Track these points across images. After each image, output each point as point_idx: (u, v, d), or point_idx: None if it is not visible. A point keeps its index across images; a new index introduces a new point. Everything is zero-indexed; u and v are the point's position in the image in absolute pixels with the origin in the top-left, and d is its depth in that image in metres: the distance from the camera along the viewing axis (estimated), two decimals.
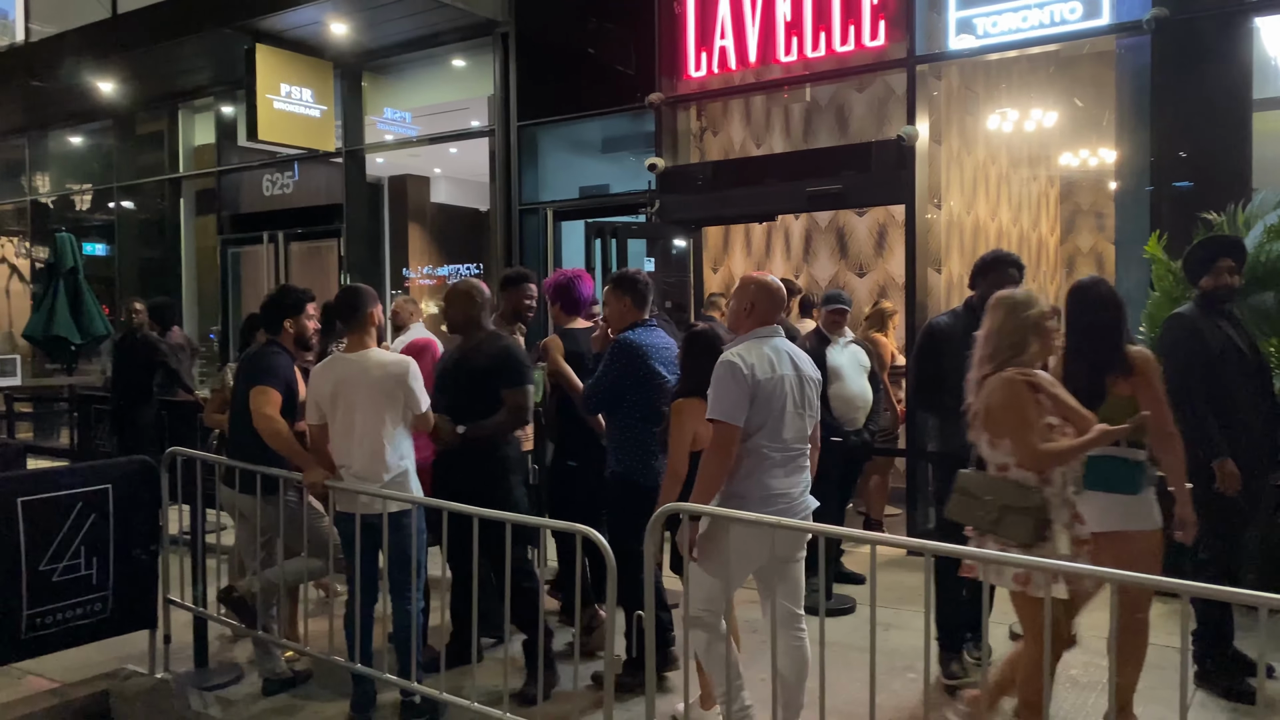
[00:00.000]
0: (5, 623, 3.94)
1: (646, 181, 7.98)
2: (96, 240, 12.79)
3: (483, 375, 4.22)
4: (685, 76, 7.79)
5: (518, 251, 8.99)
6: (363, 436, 4.01)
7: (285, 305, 4.50)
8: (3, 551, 3.91)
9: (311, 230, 10.71)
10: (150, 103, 11.65)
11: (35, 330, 9.45)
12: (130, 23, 9.99)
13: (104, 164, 12.89)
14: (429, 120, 10.12)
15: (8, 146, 13.91)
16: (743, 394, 3.42)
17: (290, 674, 4.45)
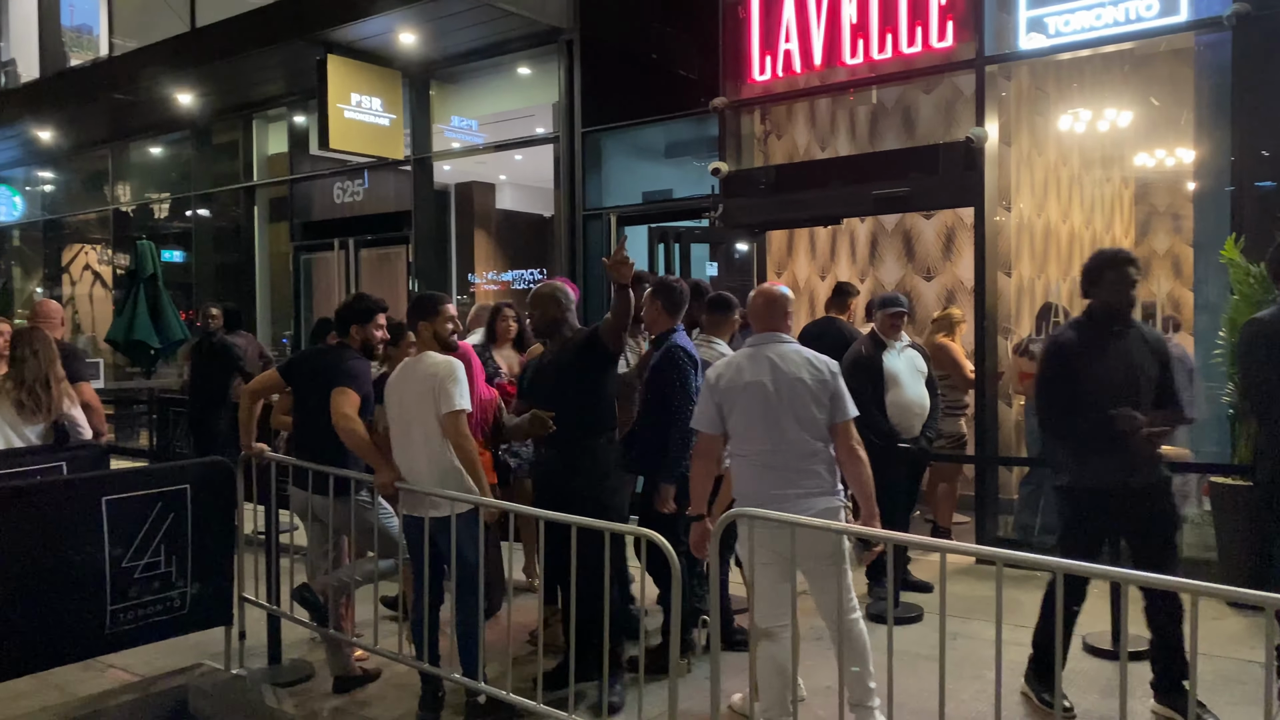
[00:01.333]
0: (90, 618, 4.08)
1: (710, 186, 7.98)
2: (174, 247, 13.17)
3: (576, 375, 4.20)
4: (749, 80, 7.77)
5: (581, 257, 9.06)
6: (413, 439, 4.09)
7: (355, 311, 4.60)
8: (88, 549, 4.05)
9: (381, 237, 10.91)
10: (226, 113, 11.98)
11: (117, 334, 9.77)
12: (208, 36, 10.29)
13: (182, 173, 13.29)
14: (495, 128, 10.25)
15: (92, 157, 14.42)
16: (711, 403, 3.66)
17: (360, 672, 4.54)
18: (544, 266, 10.96)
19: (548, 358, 4.39)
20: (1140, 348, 3.98)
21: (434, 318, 4.22)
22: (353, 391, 4.29)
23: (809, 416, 3.54)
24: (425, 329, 4.24)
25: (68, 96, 12.32)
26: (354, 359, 4.47)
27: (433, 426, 4.03)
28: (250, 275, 12.32)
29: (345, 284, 11.06)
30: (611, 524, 3.59)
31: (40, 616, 3.91)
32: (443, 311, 4.23)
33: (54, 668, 4.17)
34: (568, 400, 4.19)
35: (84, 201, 15.09)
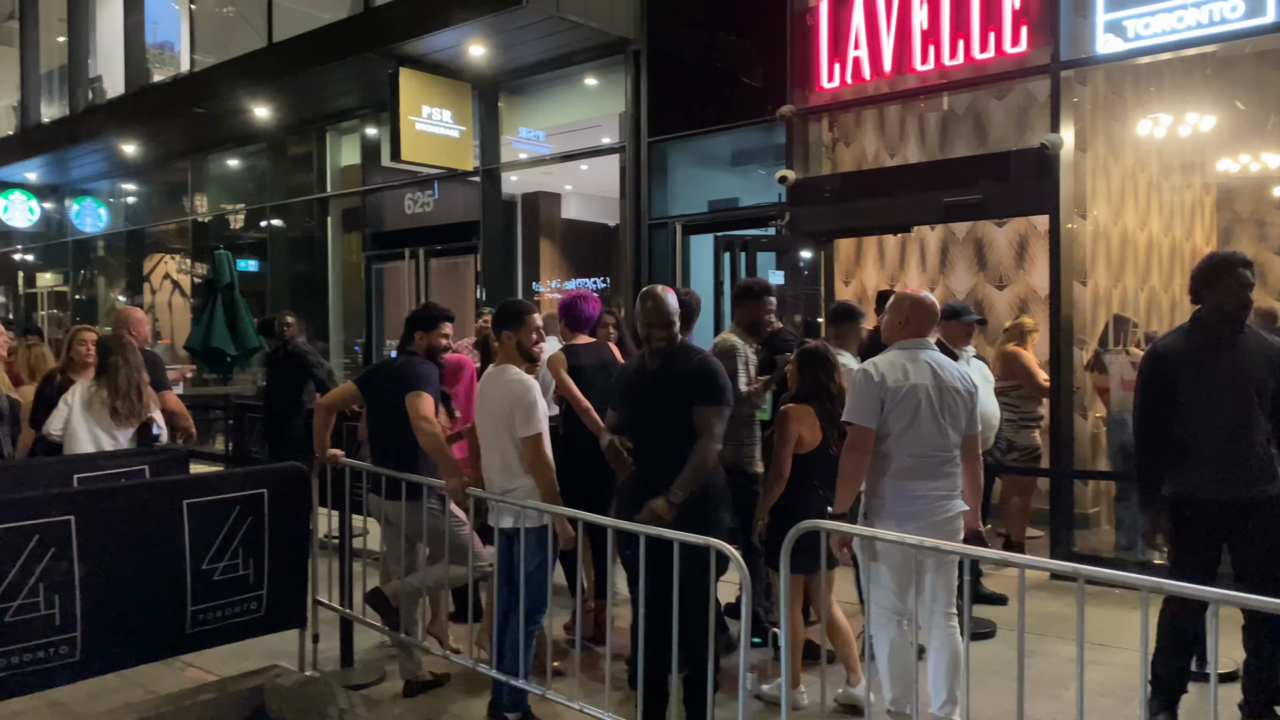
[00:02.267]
0: (172, 618, 4.18)
1: (776, 194, 7.95)
2: (250, 257, 13.51)
3: (677, 390, 3.89)
4: (817, 88, 7.73)
5: (647, 266, 9.08)
6: (488, 450, 4.13)
7: (421, 319, 4.70)
8: (170, 550, 4.16)
9: (450, 246, 11.06)
10: (300, 126, 12.27)
11: (195, 342, 10.04)
12: (284, 51, 10.55)
13: (258, 185, 13.65)
14: (562, 138, 10.34)
15: (172, 170, 14.88)
16: (874, 399, 3.73)
17: (430, 677, 4.59)
18: (608, 275, 11.02)
19: (651, 368, 3.99)
20: (1253, 357, 3.82)
21: (518, 327, 4.18)
22: (427, 395, 4.36)
23: (957, 424, 3.80)
24: (509, 338, 4.21)
25: (150, 111, 12.75)
26: (422, 364, 4.54)
27: (507, 443, 4.06)
28: (323, 284, 12.58)
29: (415, 293, 11.24)
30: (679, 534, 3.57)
31: (125, 615, 4.02)
32: (528, 322, 4.18)
33: (137, 665, 4.29)
34: (674, 420, 3.88)
35: (164, 212, 15.58)
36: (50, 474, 4.88)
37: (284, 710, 4.29)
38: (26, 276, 19.09)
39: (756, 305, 4.98)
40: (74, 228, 16.45)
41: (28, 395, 6.15)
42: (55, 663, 3.86)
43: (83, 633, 3.90)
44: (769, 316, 5.01)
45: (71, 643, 3.88)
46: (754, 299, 5.00)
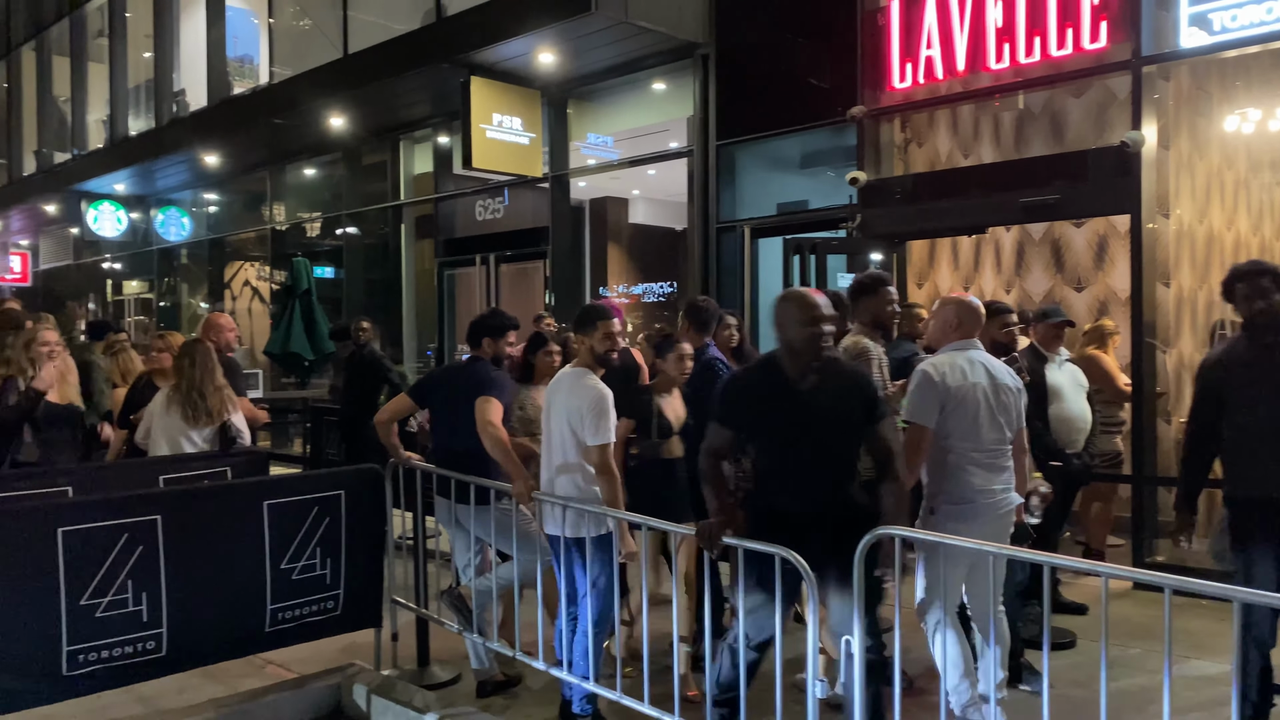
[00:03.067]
0: (252, 616, 4.29)
1: (847, 196, 7.86)
2: (326, 264, 13.81)
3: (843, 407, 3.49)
4: (889, 88, 7.63)
5: (715, 270, 9.06)
6: (550, 451, 4.15)
7: (487, 325, 4.76)
8: (250, 550, 4.27)
9: (519, 252, 11.17)
10: (374, 135, 12.50)
11: (274, 347, 10.31)
12: (359, 62, 10.78)
13: (333, 193, 13.96)
14: (629, 143, 10.38)
15: (251, 180, 15.29)
16: (934, 399, 3.82)
17: (502, 677, 4.63)
18: (674, 279, 11.03)
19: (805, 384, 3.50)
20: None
21: (592, 332, 4.19)
22: (496, 400, 4.41)
23: (1011, 421, 3.94)
24: (582, 342, 4.23)
25: (231, 123, 13.12)
26: (493, 370, 4.60)
27: (572, 447, 4.09)
28: (397, 290, 12.80)
29: (486, 298, 11.38)
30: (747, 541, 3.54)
31: (208, 613, 4.14)
32: (601, 327, 4.18)
33: (219, 662, 4.40)
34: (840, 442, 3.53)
35: (244, 221, 16.02)
36: (137, 475, 5.05)
37: (359, 707, 4.36)
38: (114, 284, 19.79)
39: (876, 299, 4.60)
40: (159, 237, 17.00)
41: (119, 398, 6.38)
42: (143, 658, 3.99)
43: (168, 629, 4.02)
44: (893, 308, 4.66)
45: (158, 638, 4.01)
46: (871, 293, 4.62)
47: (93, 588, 3.82)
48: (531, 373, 5.03)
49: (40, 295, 20.89)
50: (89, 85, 17.38)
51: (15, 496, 4.53)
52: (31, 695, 3.77)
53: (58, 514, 3.82)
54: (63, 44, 18.07)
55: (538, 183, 10.62)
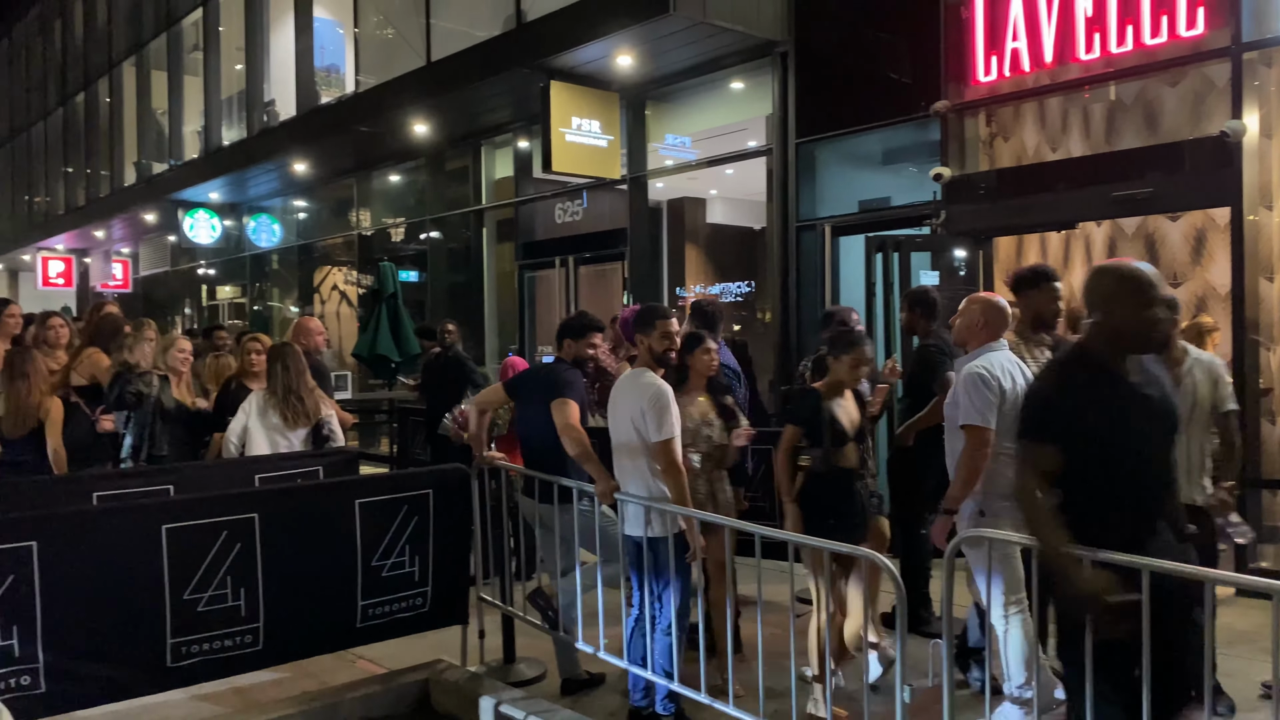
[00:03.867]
0: (344, 612, 4.41)
1: (931, 192, 7.73)
2: (411, 268, 14.08)
3: (1175, 409, 2.99)
4: (973, 82, 7.48)
5: (795, 269, 8.99)
6: (619, 453, 4.17)
7: (570, 327, 4.81)
8: (342, 547, 4.38)
9: (598, 254, 11.24)
10: (457, 141, 12.71)
11: (362, 349, 10.56)
12: (442, 69, 10.97)
13: (417, 199, 14.23)
14: (707, 143, 10.36)
15: (338, 186, 15.69)
16: (989, 400, 3.85)
17: (586, 675, 4.66)
18: (753, 279, 10.97)
19: (1145, 383, 2.94)
20: None
21: (649, 331, 4.28)
22: (572, 401, 4.44)
23: None
24: (642, 342, 4.31)
25: (319, 131, 13.47)
26: (568, 371, 4.63)
27: (638, 447, 4.11)
28: (479, 293, 12.99)
29: (565, 300, 11.47)
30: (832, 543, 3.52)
31: (302, 608, 4.27)
32: (659, 326, 4.28)
33: (312, 656, 4.54)
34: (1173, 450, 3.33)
35: (332, 227, 16.44)
36: (234, 474, 5.23)
37: (448, 704, 4.44)
38: (209, 289, 20.49)
39: (1040, 293, 4.35)
40: (250, 243, 17.55)
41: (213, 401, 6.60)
42: (241, 651, 4.13)
43: (265, 623, 4.16)
44: (1059, 305, 4.37)
45: (255, 632, 4.15)
46: (1033, 286, 4.37)
47: (194, 583, 3.97)
48: (687, 375, 4.70)
49: (140, 301, 21.75)
50: (185, 98, 18.04)
51: (123, 494, 4.73)
52: (138, 685, 3.94)
53: (162, 512, 3.98)
54: (160, 59, 18.78)
55: (616, 184, 10.67)
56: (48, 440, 5.64)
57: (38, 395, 5.62)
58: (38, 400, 5.61)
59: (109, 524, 3.89)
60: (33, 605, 3.60)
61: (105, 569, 3.77)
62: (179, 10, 17.82)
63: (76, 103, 22.57)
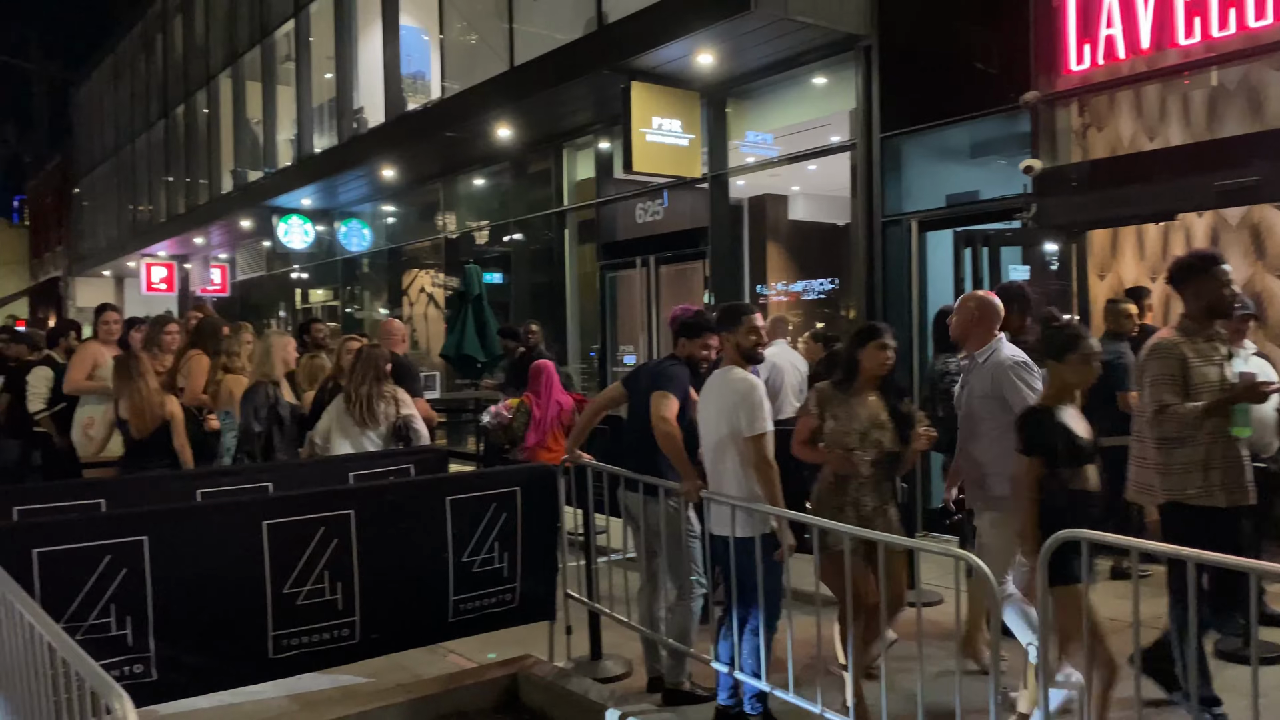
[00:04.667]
0: (436, 606, 4.50)
1: (1021, 185, 7.55)
2: (495, 269, 14.28)
3: None
4: (1065, 71, 7.28)
5: (880, 265, 8.87)
6: (718, 455, 4.16)
7: (687, 326, 4.81)
8: (434, 543, 4.48)
9: (679, 253, 11.25)
10: (539, 143, 12.86)
11: (449, 350, 10.76)
12: (525, 73, 11.11)
13: (501, 201, 14.44)
14: (789, 139, 10.28)
15: (425, 191, 16.00)
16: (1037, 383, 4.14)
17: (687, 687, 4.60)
18: (837, 276, 10.85)
19: None
20: None
21: (735, 328, 4.27)
22: (672, 396, 4.45)
23: None
24: (728, 340, 4.29)
25: (406, 137, 13.77)
26: (675, 366, 4.64)
27: (729, 445, 4.11)
28: (561, 293, 13.12)
29: (647, 299, 11.51)
30: (922, 543, 3.47)
31: (396, 602, 4.38)
32: (745, 322, 4.26)
33: (405, 650, 4.64)
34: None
35: (419, 231, 16.78)
36: (329, 472, 5.38)
37: (537, 699, 4.49)
38: (302, 293, 21.11)
39: (1209, 280, 4.07)
40: (342, 247, 18.03)
41: (308, 402, 6.80)
42: (337, 644, 4.26)
43: (360, 617, 4.27)
44: (1229, 291, 4.08)
45: (351, 626, 4.27)
46: (1201, 273, 4.08)
47: (293, 577, 4.10)
48: (856, 372, 4.26)
49: (237, 304, 22.52)
50: (278, 107, 18.61)
51: (225, 491, 4.91)
52: (241, 676, 4.09)
53: (264, 508, 4.13)
54: (255, 70, 19.40)
55: (697, 183, 10.67)
56: (174, 438, 5.90)
57: (158, 395, 5.89)
58: (159, 400, 5.88)
59: (214, 519, 4.05)
60: (144, 597, 3.76)
61: (210, 563, 3.93)
62: (272, 22, 18.39)
63: (176, 114, 23.46)
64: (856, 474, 4.12)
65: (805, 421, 4.32)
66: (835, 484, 4.17)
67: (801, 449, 4.31)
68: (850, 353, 4.26)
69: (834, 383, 4.27)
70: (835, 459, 4.15)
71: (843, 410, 4.19)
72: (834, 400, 4.22)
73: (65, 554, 3.63)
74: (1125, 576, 5.82)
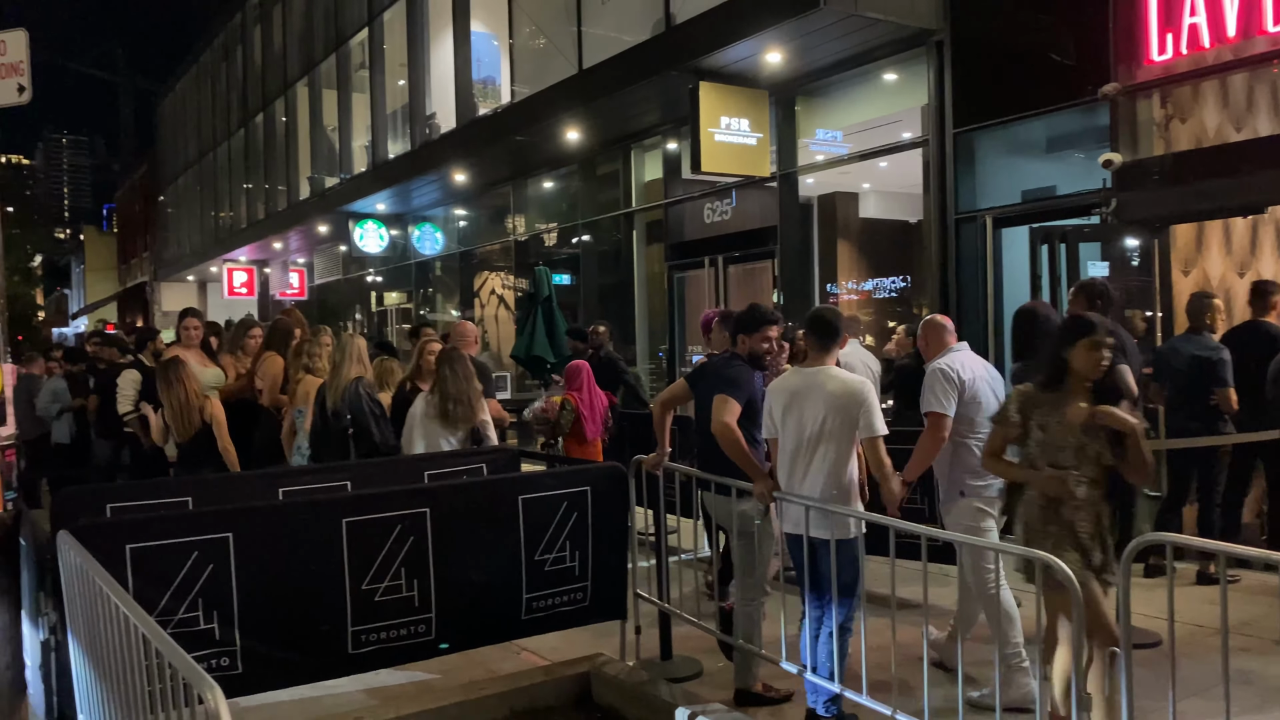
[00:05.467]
0: (510, 603, 4.55)
1: (1100, 180, 7.36)
2: (564, 271, 14.39)
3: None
4: (1146, 62, 7.08)
5: (953, 262, 8.73)
6: (814, 456, 4.13)
7: (743, 321, 4.75)
8: (507, 541, 4.53)
9: (747, 252, 11.21)
10: (607, 146, 12.93)
11: (519, 351, 10.86)
12: (593, 76, 11.19)
13: (569, 204, 14.55)
14: (859, 136, 10.18)
15: (495, 195, 16.21)
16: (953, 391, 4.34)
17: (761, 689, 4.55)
18: (908, 274, 10.69)
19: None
20: None
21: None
22: (733, 399, 4.44)
23: None
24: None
25: (477, 142, 13.97)
26: (738, 367, 4.62)
27: (844, 447, 4.08)
28: (629, 294, 13.18)
29: (715, 299, 11.49)
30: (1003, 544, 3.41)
31: (471, 600, 4.44)
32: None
33: (479, 646, 4.71)
34: None
35: (489, 234, 17.00)
36: (405, 471, 5.48)
37: (609, 697, 4.52)
38: (377, 296, 21.54)
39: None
40: (415, 251, 18.35)
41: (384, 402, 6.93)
42: (414, 640, 4.33)
43: (436, 614, 4.34)
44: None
45: (427, 622, 4.34)
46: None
47: (371, 574, 4.18)
48: (1064, 374, 3.64)
49: (315, 307, 23.06)
50: (353, 114, 19.02)
51: (306, 490, 5.03)
52: (321, 670, 4.19)
53: (343, 506, 4.22)
54: (330, 78, 19.87)
55: (765, 182, 10.62)
56: (217, 440, 6.06)
57: (197, 399, 6.04)
58: (199, 404, 6.04)
59: (295, 517, 4.16)
60: (229, 591, 3.87)
61: (292, 559, 4.03)
62: (347, 31, 18.80)
63: (256, 123, 24.13)
64: (1071, 497, 3.55)
65: (1002, 429, 3.75)
66: (1046, 507, 3.59)
67: (993, 462, 3.83)
68: (1056, 351, 3.66)
69: (1040, 385, 3.68)
70: (1046, 480, 3.57)
71: (1054, 419, 3.59)
72: (1042, 406, 3.62)
73: (156, 550, 3.76)
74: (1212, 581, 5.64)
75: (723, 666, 4.87)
